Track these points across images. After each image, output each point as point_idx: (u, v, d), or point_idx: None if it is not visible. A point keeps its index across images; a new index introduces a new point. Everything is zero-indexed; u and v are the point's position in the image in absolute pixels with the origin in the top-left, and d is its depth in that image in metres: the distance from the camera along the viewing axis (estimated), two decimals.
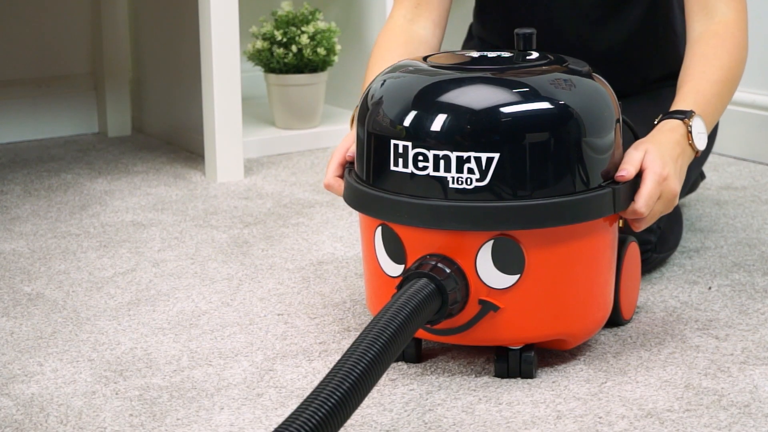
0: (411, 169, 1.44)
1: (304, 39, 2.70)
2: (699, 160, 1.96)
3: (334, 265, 1.92)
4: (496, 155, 1.41)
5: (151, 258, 1.96)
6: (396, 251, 1.48)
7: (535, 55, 1.54)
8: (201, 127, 2.57)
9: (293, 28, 2.72)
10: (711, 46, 1.71)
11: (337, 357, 1.56)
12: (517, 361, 1.48)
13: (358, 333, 1.61)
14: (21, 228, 2.13)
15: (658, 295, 1.77)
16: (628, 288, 1.63)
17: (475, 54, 1.57)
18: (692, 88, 1.66)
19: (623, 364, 1.53)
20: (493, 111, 1.42)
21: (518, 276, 1.44)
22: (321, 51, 2.71)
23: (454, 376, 1.50)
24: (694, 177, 1.95)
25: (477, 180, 1.42)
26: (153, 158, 2.63)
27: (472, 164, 1.42)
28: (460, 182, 1.42)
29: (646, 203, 1.50)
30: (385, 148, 1.46)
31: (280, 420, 1.38)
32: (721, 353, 1.56)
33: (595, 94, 1.48)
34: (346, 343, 1.60)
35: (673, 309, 1.71)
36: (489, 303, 1.44)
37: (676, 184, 1.55)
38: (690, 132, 1.59)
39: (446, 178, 1.42)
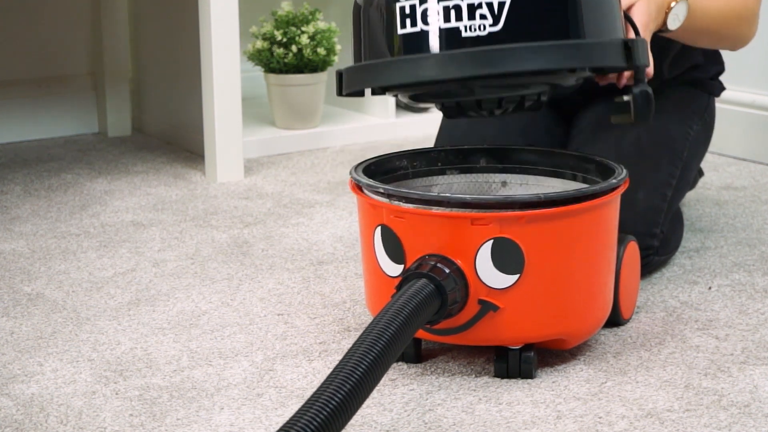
0: (421, 26, 1.40)
1: (304, 39, 2.70)
2: (698, 157, 1.95)
3: (334, 265, 1.92)
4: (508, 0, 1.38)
5: (151, 258, 1.96)
6: (395, 251, 1.48)
7: None
8: (201, 127, 2.57)
9: (293, 28, 2.72)
10: None
11: (337, 357, 1.56)
12: (516, 361, 1.48)
13: (358, 333, 1.61)
14: (21, 228, 2.13)
15: (658, 295, 1.77)
16: (627, 288, 1.63)
17: None
18: None
19: (623, 364, 1.53)
20: None
21: (518, 276, 1.44)
22: (321, 51, 2.71)
23: (454, 376, 1.50)
24: (693, 175, 1.95)
25: (490, 25, 1.38)
26: (153, 158, 2.63)
27: (485, 10, 1.38)
28: (473, 29, 1.39)
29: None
30: (391, 14, 1.42)
31: (281, 420, 1.38)
32: (721, 353, 1.56)
33: None
34: (346, 343, 1.60)
35: (673, 309, 1.71)
36: (488, 303, 1.45)
37: (651, 28, 1.57)
38: (671, 6, 1.62)
39: (458, 27, 1.39)
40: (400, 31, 1.42)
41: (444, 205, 1.44)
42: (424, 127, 2.85)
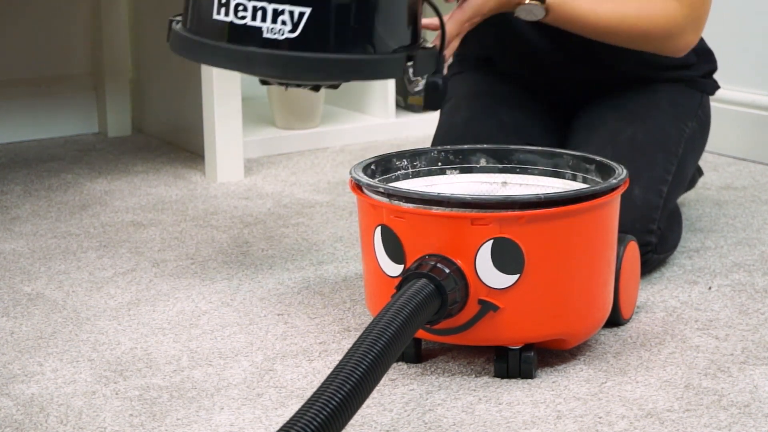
0: (232, 18, 1.52)
1: None
2: (695, 155, 1.95)
3: (334, 265, 1.92)
4: (308, 10, 1.49)
5: (151, 258, 1.96)
6: (395, 251, 1.48)
7: None
8: (201, 127, 2.57)
9: None
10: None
11: (338, 357, 1.56)
12: (516, 361, 1.48)
13: (358, 333, 1.61)
14: (21, 228, 2.13)
15: (658, 295, 1.77)
16: (627, 288, 1.63)
17: None
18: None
19: (623, 364, 1.53)
20: None
21: (518, 276, 1.44)
22: None
23: (454, 376, 1.50)
24: (690, 173, 1.95)
25: (289, 31, 1.50)
26: (153, 158, 2.63)
27: (286, 17, 1.50)
28: (273, 32, 1.51)
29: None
30: None
31: (281, 420, 1.38)
32: (721, 353, 1.56)
33: None
34: (346, 343, 1.60)
35: (673, 309, 1.71)
36: (488, 303, 1.45)
37: None
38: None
39: (261, 28, 1.51)
40: (214, 16, 1.54)
41: (444, 205, 1.44)
42: (424, 127, 2.85)
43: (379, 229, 1.49)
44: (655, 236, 1.79)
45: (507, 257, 1.43)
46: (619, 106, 1.87)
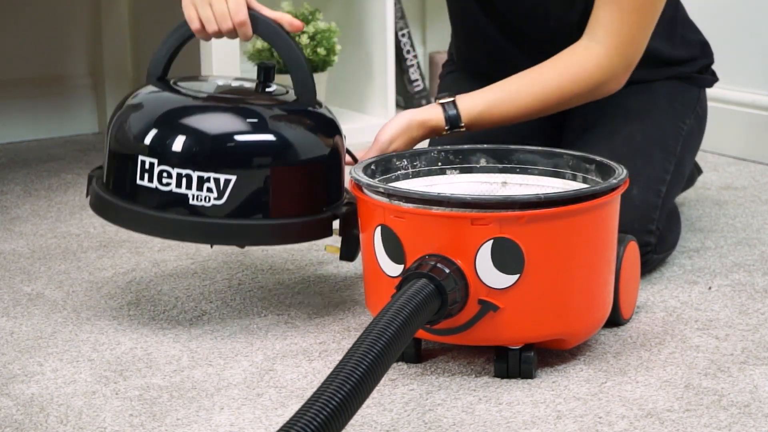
0: (156, 184, 1.55)
1: (304, 39, 2.70)
2: (692, 152, 1.95)
3: (334, 265, 1.92)
4: (233, 177, 1.53)
5: (151, 258, 1.96)
6: (395, 251, 1.48)
7: (273, 87, 1.65)
8: None
9: None
10: (551, 61, 1.74)
11: (338, 357, 1.56)
12: (516, 361, 1.48)
13: (358, 333, 1.61)
14: (21, 228, 2.13)
15: (658, 295, 1.77)
16: (627, 288, 1.63)
17: (221, 81, 1.69)
18: (485, 89, 1.73)
19: (623, 364, 1.53)
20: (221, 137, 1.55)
21: (518, 276, 1.44)
22: (321, 51, 2.71)
23: (454, 376, 1.50)
24: (688, 171, 1.95)
25: (215, 199, 1.54)
26: None
27: (212, 184, 1.53)
28: (199, 200, 1.54)
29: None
30: (134, 163, 1.56)
31: (281, 420, 1.38)
32: (721, 353, 1.56)
33: (314, 127, 1.60)
34: (346, 343, 1.60)
35: (673, 309, 1.71)
36: (488, 303, 1.45)
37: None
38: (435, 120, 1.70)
39: (187, 195, 1.54)
40: (138, 182, 1.56)
41: (444, 204, 1.44)
42: None
43: (379, 229, 1.49)
44: (654, 236, 1.79)
45: (507, 257, 1.43)
46: (616, 105, 1.86)
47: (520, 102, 1.72)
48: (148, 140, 1.55)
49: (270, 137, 1.56)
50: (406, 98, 2.98)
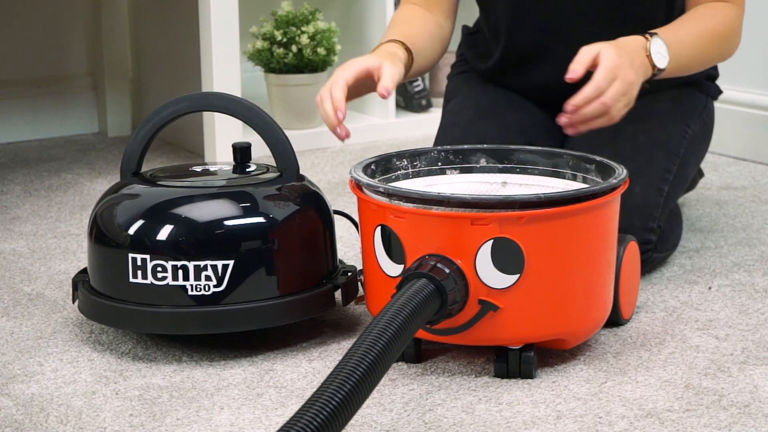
0: (151, 280, 1.53)
1: (304, 39, 2.70)
2: (697, 156, 1.95)
3: None
4: (231, 261, 1.52)
5: None
6: (395, 251, 1.48)
7: (252, 167, 1.66)
8: (201, 126, 2.57)
9: (293, 28, 2.72)
10: (701, 12, 1.77)
11: (338, 357, 1.56)
12: (516, 361, 1.48)
13: (359, 333, 1.61)
14: (21, 228, 2.13)
15: (658, 295, 1.77)
16: (627, 288, 1.63)
17: (198, 168, 1.67)
18: (667, 29, 1.72)
19: (623, 364, 1.53)
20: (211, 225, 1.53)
21: (518, 276, 1.44)
22: (321, 51, 2.71)
23: (454, 376, 1.50)
24: (692, 174, 1.95)
25: (214, 286, 1.53)
26: (153, 158, 2.63)
27: (209, 271, 1.51)
28: (198, 289, 1.53)
29: (584, 97, 1.56)
30: (123, 261, 1.54)
31: (281, 420, 1.38)
32: (721, 353, 1.56)
33: (302, 202, 1.59)
34: (346, 343, 1.60)
35: (673, 309, 1.71)
36: (488, 303, 1.44)
37: (632, 73, 1.59)
38: (648, 47, 1.65)
39: (185, 286, 1.52)
40: (131, 280, 1.54)
41: (444, 204, 1.44)
42: (424, 127, 2.85)
43: (379, 229, 1.49)
44: (654, 234, 1.79)
45: (507, 257, 1.43)
46: None
47: (696, 29, 1.75)
48: (137, 235, 1.53)
49: (261, 219, 1.55)
50: (406, 98, 2.98)
